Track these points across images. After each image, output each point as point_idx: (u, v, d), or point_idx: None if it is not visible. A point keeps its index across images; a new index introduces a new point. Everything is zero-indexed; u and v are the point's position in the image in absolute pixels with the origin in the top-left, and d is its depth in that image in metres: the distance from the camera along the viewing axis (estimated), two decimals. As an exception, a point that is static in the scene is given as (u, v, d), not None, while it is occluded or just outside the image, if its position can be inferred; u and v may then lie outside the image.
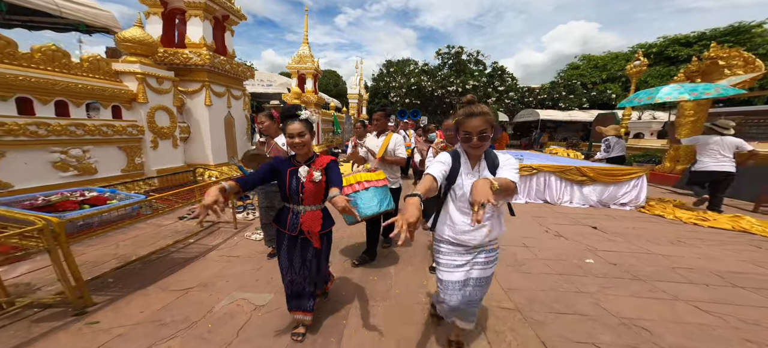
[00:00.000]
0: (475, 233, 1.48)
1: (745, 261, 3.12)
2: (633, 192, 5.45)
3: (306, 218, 1.72)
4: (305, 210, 1.73)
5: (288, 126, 1.65)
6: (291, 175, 1.71)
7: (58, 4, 4.08)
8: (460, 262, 1.53)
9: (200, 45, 5.14)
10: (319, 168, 1.71)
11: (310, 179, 1.68)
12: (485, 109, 1.38)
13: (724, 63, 6.87)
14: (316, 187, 1.70)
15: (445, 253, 1.57)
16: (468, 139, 1.40)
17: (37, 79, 3.16)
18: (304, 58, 12.02)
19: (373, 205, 2.40)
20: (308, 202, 1.72)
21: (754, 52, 13.12)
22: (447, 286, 1.55)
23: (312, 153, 1.79)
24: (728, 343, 1.87)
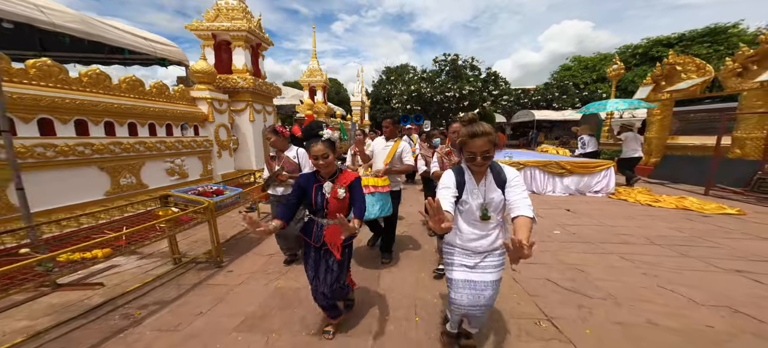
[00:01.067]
0: (481, 241, 1.56)
1: (671, 228, 4.22)
2: (603, 181, 6.57)
3: (329, 231, 1.80)
4: (329, 223, 1.81)
5: (312, 147, 1.73)
6: (316, 191, 1.80)
7: (154, 47, 5.26)
8: (469, 263, 1.60)
9: (243, 71, 6.30)
10: (343, 185, 1.80)
11: (334, 196, 1.76)
12: (488, 129, 1.42)
13: (680, 68, 8.06)
14: (340, 203, 1.78)
15: (453, 254, 1.65)
16: (472, 159, 1.45)
17: (164, 110, 4.34)
18: (314, 73, 13.23)
19: (374, 210, 2.57)
20: (332, 216, 1.80)
21: (732, 50, 14.26)
22: (457, 285, 1.61)
23: (336, 168, 1.85)
24: (630, 274, 2.90)
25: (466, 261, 1.60)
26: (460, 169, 1.55)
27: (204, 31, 6.12)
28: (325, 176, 1.81)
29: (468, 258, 1.60)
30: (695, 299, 2.40)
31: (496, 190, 1.49)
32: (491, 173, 1.51)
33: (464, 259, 1.60)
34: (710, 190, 6.09)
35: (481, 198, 1.51)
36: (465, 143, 1.44)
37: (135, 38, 5.43)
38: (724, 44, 18.99)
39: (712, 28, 20.05)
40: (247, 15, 6.55)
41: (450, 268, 1.65)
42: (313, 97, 13.37)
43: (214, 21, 6.24)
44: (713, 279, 2.73)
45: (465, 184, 1.51)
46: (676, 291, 2.54)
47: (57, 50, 5.47)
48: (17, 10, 3.46)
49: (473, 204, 1.52)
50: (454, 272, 1.62)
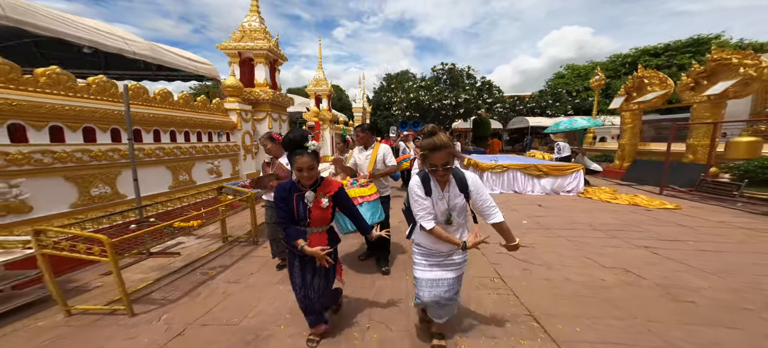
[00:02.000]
0: (446, 244, 1.69)
1: (614, 219, 5.19)
2: (574, 182, 7.56)
3: (312, 239, 1.78)
4: (312, 231, 1.79)
5: (297, 160, 1.69)
6: (298, 200, 1.76)
7: (196, 66, 6.32)
8: (433, 262, 1.76)
9: (264, 84, 7.33)
10: (326, 194, 1.77)
11: (318, 205, 1.74)
12: (446, 142, 1.54)
13: (647, 81, 9.08)
14: (323, 213, 1.76)
15: (421, 254, 1.81)
16: (434, 171, 1.58)
17: (208, 120, 5.37)
18: (319, 82, 14.28)
19: (367, 217, 2.56)
20: (315, 225, 1.78)
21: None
22: (421, 284, 1.77)
23: (318, 176, 1.81)
24: (566, 249, 3.85)
25: (430, 261, 1.76)
26: (426, 177, 1.68)
27: (232, 50, 7.18)
28: (306, 185, 1.77)
29: (432, 257, 1.76)
30: (604, 264, 3.37)
31: (459, 194, 1.65)
32: (454, 179, 1.65)
33: (429, 258, 1.77)
34: (664, 190, 7.07)
35: (445, 204, 1.65)
36: (426, 156, 1.57)
37: (184, 60, 6.49)
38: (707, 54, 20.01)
39: (695, 39, 21.13)
40: (267, 35, 7.59)
41: (416, 267, 1.83)
42: (318, 104, 14.41)
43: (240, 41, 7.29)
44: (623, 252, 3.71)
45: (432, 191, 1.66)
46: (592, 259, 3.52)
47: (115, 69, 6.58)
48: (111, 43, 4.48)
49: (438, 210, 1.66)
50: (418, 271, 1.80)
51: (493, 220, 1.65)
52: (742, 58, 6.67)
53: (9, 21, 3.20)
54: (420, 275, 1.78)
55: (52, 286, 2.22)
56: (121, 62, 5.73)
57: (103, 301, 2.59)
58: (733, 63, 6.77)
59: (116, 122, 3.70)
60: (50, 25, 3.65)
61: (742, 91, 6.69)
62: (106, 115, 3.58)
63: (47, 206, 2.99)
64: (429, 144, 1.55)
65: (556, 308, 2.49)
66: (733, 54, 6.88)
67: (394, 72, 32.62)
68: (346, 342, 2.10)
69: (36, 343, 2.08)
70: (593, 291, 2.78)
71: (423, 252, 1.79)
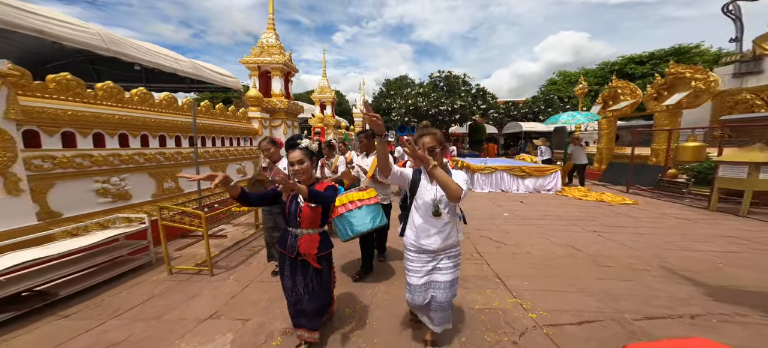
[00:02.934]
0: (435, 237, 1.75)
1: (580, 212, 6.19)
2: (553, 182, 8.58)
3: (303, 241, 1.83)
4: (302, 233, 1.84)
5: (289, 154, 1.82)
6: (291, 200, 1.85)
7: (225, 80, 7.37)
8: (426, 268, 1.80)
9: (280, 95, 8.34)
10: None
11: (307, 204, 1.80)
12: (435, 131, 1.75)
13: (620, 91, 10.14)
14: (313, 212, 1.82)
15: (412, 260, 1.84)
16: None
17: (237, 127, 6.35)
18: (324, 90, 15.32)
19: (367, 221, 2.52)
20: (305, 226, 1.84)
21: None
22: (414, 290, 1.82)
23: (313, 179, 1.89)
24: (533, 234, 4.86)
25: (422, 267, 1.79)
26: (419, 169, 1.80)
27: (252, 64, 8.20)
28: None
29: (424, 263, 1.79)
30: (558, 243, 4.36)
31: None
32: None
33: (420, 264, 1.80)
34: (630, 189, 8.10)
35: (433, 193, 1.73)
36: (416, 140, 1.72)
37: (216, 74, 7.52)
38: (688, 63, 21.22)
39: (677, 48, 22.35)
40: (282, 51, 8.62)
41: (408, 272, 1.85)
42: (323, 110, 15.42)
43: (259, 56, 8.31)
44: (576, 235, 4.70)
45: (420, 180, 1.76)
46: (551, 240, 4.50)
47: (154, 81, 7.60)
48: (168, 63, 5.53)
49: (427, 199, 1.73)
50: (411, 277, 1.82)
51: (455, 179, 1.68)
52: (693, 73, 7.74)
53: (108, 51, 4.26)
54: (413, 281, 1.82)
55: (164, 250, 3.20)
56: (159, 76, 6.72)
57: (187, 265, 3.56)
58: (686, 77, 7.84)
59: (178, 130, 4.70)
60: (130, 51, 4.76)
61: (693, 101, 7.74)
62: (175, 126, 4.61)
63: (139, 195, 3.97)
64: (419, 131, 1.78)
65: (515, 271, 3.45)
66: (686, 69, 7.95)
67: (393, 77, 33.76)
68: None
69: (157, 290, 3.05)
70: (544, 260, 3.76)
71: (414, 257, 1.83)
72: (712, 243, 4.22)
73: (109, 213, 3.59)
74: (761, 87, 8.27)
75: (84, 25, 4.34)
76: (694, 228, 4.90)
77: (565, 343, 2.19)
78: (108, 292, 2.98)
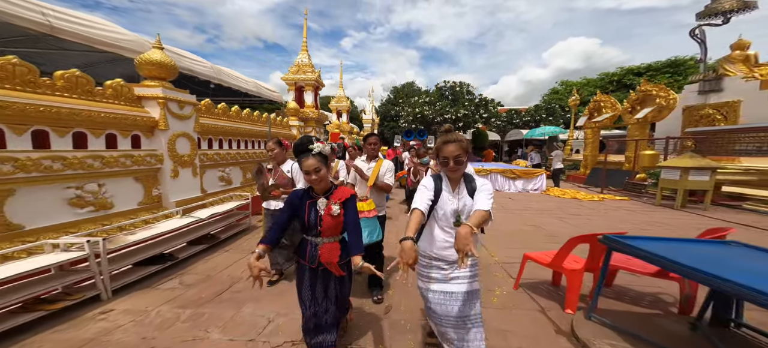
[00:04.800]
0: (450, 249, 1.63)
1: (555, 206, 7.64)
2: (539, 183, 10.05)
3: (324, 250, 1.73)
4: (323, 241, 1.74)
5: (303, 162, 1.67)
6: (310, 208, 1.73)
7: (271, 95, 9.22)
8: (441, 276, 1.67)
9: (311, 106, 10.09)
10: (337, 201, 1.72)
11: (328, 213, 1.70)
12: (460, 137, 1.58)
13: (603, 105, 11.57)
14: (335, 221, 1.70)
15: (426, 265, 1.74)
16: (445, 163, 1.60)
17: (277, 133, 8.05)
18: (340, 99, 17.14)
19: (363, 235, 2.29)
20: (326, 235, 1.73)
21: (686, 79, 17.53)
22: (431, 298, 1.69)
23: (330, 184, 1.79)
24: (514, 220, 6.38)
25: (438, 273, 1.68)
26: (439, 176, 1.71)
27: (290, 81, 10.06)
28: (319, 192, 1.75)
29: (440, 270, 1.68)
30: (527, 224, 5.87)
31: (469, 197, 1.62)
32: (464, 182, 1.66)
33: (437, 271, 1.68)
34: (604, 190, 9.52)
35: (455, 204, 1.64)
36: (439, 149, 1.63)
37: (264, 89, 9.36)
38: (683, 74, 22.32)
39: (673, 61, 23.50)
40: (313, 69, 10.41)
41: (423, 280, 1.75)
42: (339, 117, 17.19)
43: (296, 74, 10.15)
44: (544, 219, 6.20)
45: (442, 190, 1.66)
46: (523, 222, 6.01)
47: (219, 95, 9.43)
48: (242, 85, 7.35)
49: (448, 210, 1.63)
50: (427, 283, 1.72)
51: (480, 207, 1.54)
52: (658, 91, 9.16)
53: (213, 78, 6.12)
54: (428, 287, 1.71)
55: (263, 224, 4.85)
56: (224, 90, 8.54)
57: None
58: (652, 94, 9.27)
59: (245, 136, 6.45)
60: (226, 78, 6.62)
61: (657, 116, 9.14)
62: (248, 133, 6.40)
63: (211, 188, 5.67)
64: (442, 138, 1.63)
65: (489, 242, 4.95)
66: (653, 87, 9.38)
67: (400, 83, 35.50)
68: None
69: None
70: (512, 234, 5.27)
71: (428, 263, 1.73)
72: (634, 224, 5.70)
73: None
74: (721, 104, 9.61)
75: (202, 61, 6.46)
76: (631, 216, 6.35)
77: (511, 270, 3.72)
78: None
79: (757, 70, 9.08)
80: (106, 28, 4.80)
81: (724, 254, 2.02)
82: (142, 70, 4.24)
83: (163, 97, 4.18)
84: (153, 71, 4.23)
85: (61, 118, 3.09)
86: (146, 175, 4.05)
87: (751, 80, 9.01)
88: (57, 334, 2.28)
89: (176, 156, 4.45)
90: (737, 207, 6.53)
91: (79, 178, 3.19)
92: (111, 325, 2.41)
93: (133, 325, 2.40)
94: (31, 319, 2.31)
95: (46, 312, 2.40)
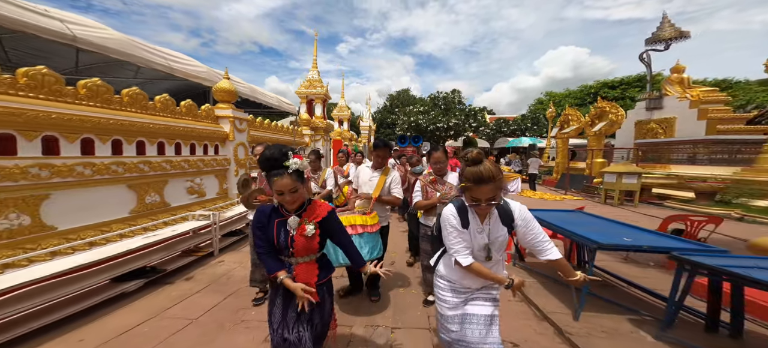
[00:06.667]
0: (476, 279, 1.49)
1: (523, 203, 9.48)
2: (515, 185, 11.84)
3: (300, 270, 1.52)
4: (297, 261, 1.53)
5: (276, 182, 1.42)
6: (279, 227, 1.51)
7: (289, 107, 10.83)
8: (459, 299, 1.54)
9: (320, 117, 11.77)
10: (312, 220, 1.51)
11: (301, 233, 1.49)
12: (495, 173, 1.32)
13: (571, 118, 13.55)
14: (309, 242, 1.50)
15: (443, 288, 1.59)
16: (476, 204, 1.38)
17: (296, 141, 9.69)
18: (342, 109, 18.82)
19: (364, 252, 2.30)
20: (300, 254, 1.52)
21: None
22: (446, 320, 1.55)
23: (304, 199, 1.56)
24: None
25: (458, 297, 1.55)
26: (463, 207, 1.47)
27: (303, 94, 11.73)
28: (290, 210, 1.52)
29: (460, 294, 1.55)
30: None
31: (502, 228, 1.45)
32: (496, 210, 1.46)
33: (457, 295, 1.56)
34: (567, 192, 11.42)
35: (485, 238, 1.46)
36: (469, 188, 1.36)
37: (284, 103, 11.00)
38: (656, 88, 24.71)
39: (643, 75, 25.94)
40: (321, 84, 12.11)
41: (441, 303, 1.59)
42: (340, 126, 18.84)
43: (308, 89, 11.83)
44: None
45: (470, 224, 1.45)
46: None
47: (243, 107, 11.03)
48: (271, 101, 8.97)
49: (476, 244, 1.46)
50: (443, 307, 1.57)
51: (548, 256, 1.40)
52: (610, 108, 11.15)
53: (250, 96, 7.72)
54: (446, 312, 1.55)
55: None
56: (246, 103, 10.15)
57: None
58: (606, 110, 11.26)
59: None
60: (258, 96, 8.19)
61: (610, 129, 11.11)
62: (279, 141, 7.93)
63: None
64: (473, 175, 1.33)
65: None
66: (606, 104, 11.39)
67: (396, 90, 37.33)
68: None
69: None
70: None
71: (448, 287, 1.58)
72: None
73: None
74: (662, 119, 11.66)
75: (243, 83, 8.05)
76: (579, 209, 8.17)
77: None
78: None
79: (689, 92, 11.16)
80: (187, 62, 6.48)
81: (577, 219, 3.75)
82: (216, 95, 5.84)
83: (232, 116, 5.78)
84: (224, 96, 5.83)
85: (186, 134, 4.68)
86: (221, 173, 5.62)
87: (684, 100, 11.07)
88: (202, 269, 3.90)
89: (237, 159, 6.04)
90: (660, 204, 8.40)
91: (192, 174, 4.77)
92: (227, 267, 4.00)
93: (240, 269, 3.94)
94: (188, 261, 3.93)
95: (195, 257, 4.02)
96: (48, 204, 2.69)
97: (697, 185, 8.00)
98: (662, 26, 11.89)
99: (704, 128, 10.24)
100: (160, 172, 4.05)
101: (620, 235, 2.84)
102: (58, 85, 2.85)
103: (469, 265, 1.41)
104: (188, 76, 6.46)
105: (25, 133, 2.53)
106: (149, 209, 3.88)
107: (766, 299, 2.31)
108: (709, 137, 9.66)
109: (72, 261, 2.61)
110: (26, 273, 2.34)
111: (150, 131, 3.88)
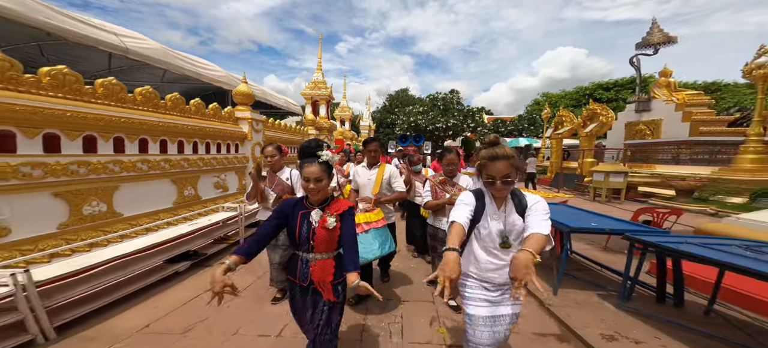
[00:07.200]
0: (501, 271, 1.47)
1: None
2: (511, 183, 12.51)
3: (316, 267, 1.58)
4: (315, 258, 1.59)
5: (305, 168, 1.52)
6: (302, 219, 1.57)
7: (297, 109, 11.35)
8: (488, 297, 1.51)
9: (325, 117, 12.32)
10: (334, 213, 1.58)
11: (322, 225, 1.55)
12: (509, 152, 1.36)
13: (565, 120, 14.17)
14: (329, 235, 1.56)
15: (471, 287, 1.55)
16: (491, 183, 1.39)
17: (299, 140, 10.22)
18: (343, 109, 19.43)
19: (374, 248, 2.31)
20: (319, 250, 1.58)
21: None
22: (476, 321, 1.50)
23: (328, 196, 1.64)
24: None
25: (486, 295, 1.52)
26: (480, 193, 1.50)
27: (308, 96, 12.27)
28: (314, 203, 1.59)
29: (485, 291, 1.52)
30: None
31: (518, 218, 1.44)
32: (512, 199, 1.47)
33: (484, 292, 1.52)
34: (560, 189, 12.03)
35: (501, 224, 1.46)
36: (484, 166, 1.40)
37: (292, 104, 11.53)
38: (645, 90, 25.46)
39: (633, 79, 26.66)
40: (326, 85, 12.65)
41: (469, 303, 1.55)
42: (342, 125, 19.43)
43: (313, 90, 12.38)
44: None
45: (485, 207, 1.47)
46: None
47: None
48: (281, 103, 9.50)
49: (493, 230, 1.46)
50: (471, 307, 1.52)
51: (537, 230, 1.33)
52: (601, 110, 11.76)
53: (262, 99, 8.25)
54: (477, 313, 1.51)
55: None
56: (256, 104, 10.69)
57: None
58: (597, 112, 11.88)
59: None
60: (270, 98, 8.70)
61: (600, 130, 11.74)
62: (289, 140, 8.45)
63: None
64: (489, 153, 1.39)
65: None
66: (597, 107, 12.00)
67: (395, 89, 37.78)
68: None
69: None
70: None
71: (473, 284, 1.56)
72: (571, 211, 8.10)
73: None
74: (650, 121, 12.31)
75: (255, 86, 8.52)
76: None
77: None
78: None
79: (675, 95, 11.80)
80: (210, 67, 7.00)
81: (559, 210, 4.33)
82: (236, 98, 6.37)
83: (250, 118, 6.31)
84: (243, 99, 6.36)
85: (214, 134, 5.20)
86: (240, 170, 6.15)
87: (670, 103, 11.72)
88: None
89: (254, 158, 6.57)
90: (644, 201, 9.02)
91: (219, 170, 5.30)
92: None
93: (264, 255, 4.39)
94: (220, 248, 4.50)
95: (226, 244, 4.57)
96: (118, 194, 3.24)
97: (678, 183, 8.64)
98: (652, 31, 12.52)
99: (688, 130, 10.88)
100: (195, 168, 4.59)
101: (590, 222, 3.42)
102: (123, 93, 3.39)
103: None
104: (213, 81, 7.00)
105: (103, 135, 3.09)
106: (186, 201, 4.42)
107: (703, 275, 2.90)
108: (692, 139, 10.31)
109: (137, 244, 3.14)
110: (107, 252, 2.88)
111: (188, 132, 4.42)
